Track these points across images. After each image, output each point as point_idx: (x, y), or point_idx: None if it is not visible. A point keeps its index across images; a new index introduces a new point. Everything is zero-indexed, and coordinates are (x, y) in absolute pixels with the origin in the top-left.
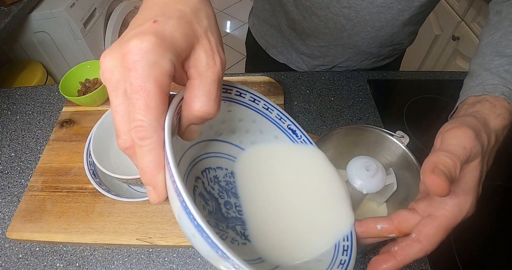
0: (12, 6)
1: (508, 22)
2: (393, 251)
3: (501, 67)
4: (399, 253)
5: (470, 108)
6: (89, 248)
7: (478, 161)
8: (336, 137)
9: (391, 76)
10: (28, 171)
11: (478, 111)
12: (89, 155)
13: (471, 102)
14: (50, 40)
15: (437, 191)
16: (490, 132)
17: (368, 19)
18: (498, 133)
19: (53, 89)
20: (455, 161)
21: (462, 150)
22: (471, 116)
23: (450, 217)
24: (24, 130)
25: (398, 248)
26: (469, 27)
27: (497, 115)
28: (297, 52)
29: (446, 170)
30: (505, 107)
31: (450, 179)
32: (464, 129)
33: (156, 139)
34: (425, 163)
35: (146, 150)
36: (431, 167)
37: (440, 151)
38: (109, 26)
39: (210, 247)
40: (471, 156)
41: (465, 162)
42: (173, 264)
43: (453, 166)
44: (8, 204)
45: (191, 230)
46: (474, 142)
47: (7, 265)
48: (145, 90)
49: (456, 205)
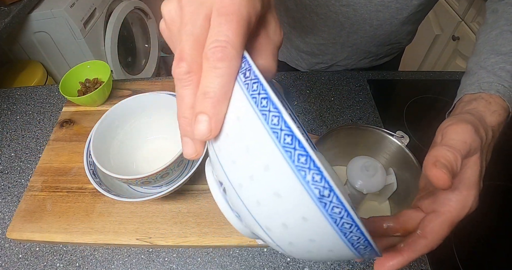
0: (12, 6)
1: (504, 21)
2: (399, 248)
3: (496, 65)
4: (405, 249)
5: (466, 106)
6: (89, 248)
7: (477, 155)
8: (336, 137)
9: (391, 76)
10: (28, 171)
11: (474, 108)
12: (89, 155)
13: (467, 100)
14: (50, 40)
15: (440, 183)
16: (487, 128)
17: (366, 17)
18: (494, 130)
19: (53, 89)
20: (456, 155)
21: (462, 144)
22: (468, 114)
23: (454, 213)
24: (24, 130)
25: (404, 244)
26: (469, 27)
27: (492, 112)
28: (296, 50)
29: (448, 164)
30: (500, 104)
31: (452, 172)
32: (463, 125)
33: (234, 64)
34: (427, 157)
35: (220, 72)
36: (433, 161)
37: (441, 145)
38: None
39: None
40: (471, 150)
41: (466, 156)
42: (173, 264)
43: (454, 160)
44: (8, 204)
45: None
46: (474, 137)
47: (7, 265)
48: (239, 14)
49: (460, 200)
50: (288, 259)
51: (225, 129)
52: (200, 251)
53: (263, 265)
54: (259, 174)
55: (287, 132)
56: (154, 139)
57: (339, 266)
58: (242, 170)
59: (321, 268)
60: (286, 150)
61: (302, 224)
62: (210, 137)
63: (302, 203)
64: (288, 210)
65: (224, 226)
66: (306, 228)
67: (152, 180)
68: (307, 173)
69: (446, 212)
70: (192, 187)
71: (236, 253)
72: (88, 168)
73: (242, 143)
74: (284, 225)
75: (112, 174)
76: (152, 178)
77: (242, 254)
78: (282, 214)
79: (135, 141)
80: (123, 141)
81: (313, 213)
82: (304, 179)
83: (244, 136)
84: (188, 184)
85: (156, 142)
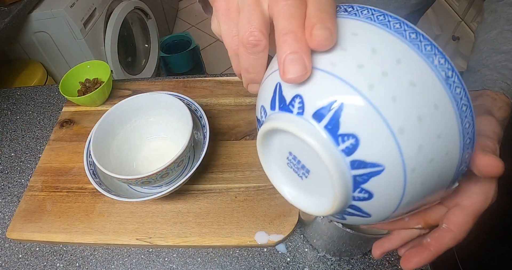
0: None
1: (503, 20)
2: (426, 243)
3: (499, 63)
4: (432, 244)
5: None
6: (89, 248)
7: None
8: None
9: None
10: (28, 171)
11: (481, 104)
12: (89, 155)
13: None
14: (50, 40)
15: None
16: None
17: None
18: (502, 124)
19: (53, 89)
20: (495, 144)
21: (494, 134)
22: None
23: (478, 205)
24: (24, 130)
25: (430, 239)
26: (469, 27)
27: (499, 108)
28: None
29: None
30: (504, 101)
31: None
32: (487, 117)
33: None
34: None
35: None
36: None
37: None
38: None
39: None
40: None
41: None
42: (173, 264)
43: (495, 148)
44: (8, 204)
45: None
46: (499, 127)
47: (7, 265)
48: None
49: (482, 192)
50: (288, 259)
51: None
52: (200, 251)
53: (263, 265)
54: (392, 67)
55: (411, 31)
56: (154, 138)
57: (339, 266)
58: (375, 66)
59: (321, 268)
60: (414, 44)
61: (433, 113)
62: (332, 43)
63: (434, 89)
64: (423, 99)
65: (224, 226)
66: (436, 118)
67: (152, 180)
68: (434, 59)
69: (470, 205)
70: (192, 187)
71: (236, 253)
72: (88, 168)
73: (369, 45)
74: (419, 118)
75: (112, 174)
76: (152, 178)
77: (242, 254)
78: (417, 105)
79: (135, 141)
80: (123, 141)
81: (442, 98)
82: (432, 63)
83: (370, 40)
84: (188, 184)
85: (156, 142)
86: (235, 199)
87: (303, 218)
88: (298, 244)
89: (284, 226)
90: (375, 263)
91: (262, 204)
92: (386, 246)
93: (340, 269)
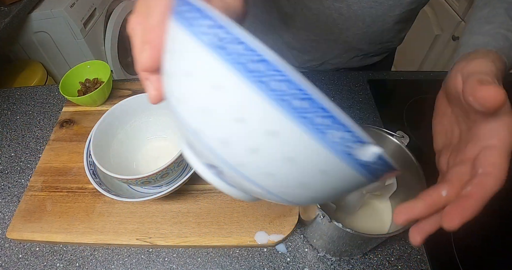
0: (12, 6)
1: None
2: (466, 192)
3: (491, 30)
4: (474, 191)
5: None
6: (89, 248)
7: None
8: None
9: (391, 76)
10: (28, 171)
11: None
12: (89, 155)
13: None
14: (50, 40)
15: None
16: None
17: (359, 14)
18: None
19: (53, 89)
20: (493, 78)
21: (491, 72)
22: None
23: (507, 140)
24: (24, 130)
25: (471, 187)
26: None
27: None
28: (287, 47)
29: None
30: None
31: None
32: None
33: None
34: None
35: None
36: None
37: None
38: (109, 26)
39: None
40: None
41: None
42: (173, 264)
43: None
44: (8, 204)
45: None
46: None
47: (7, 265)
48: None
49: (506, 126)
50: (288, 259)
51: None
52: (200, 251)
53: (263, 265)
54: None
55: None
56: (154, 138)
57: (339, 266)
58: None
59: (321, 268)
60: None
61: (271, 139)
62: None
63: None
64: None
65: (224, 226)
66: (278, 144)
67: (152, 180)
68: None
69: (499, 142)
70: (192, 187)
71: (236, 253)
72: (88, 168)
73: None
74: (291, 160)
75: (112, 174)
76: (152, 178)
77: (242, 254)
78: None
79: (135, 141)
80: (123, 141)
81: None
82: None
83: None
84: (188, 184)
85: (156, 142)
86: (235, 199)
87: (303, 218)
88: (298, 244)
89: (284, 226)
90: (375, 263)
91: (262, 204)
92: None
93: (340, 269)
